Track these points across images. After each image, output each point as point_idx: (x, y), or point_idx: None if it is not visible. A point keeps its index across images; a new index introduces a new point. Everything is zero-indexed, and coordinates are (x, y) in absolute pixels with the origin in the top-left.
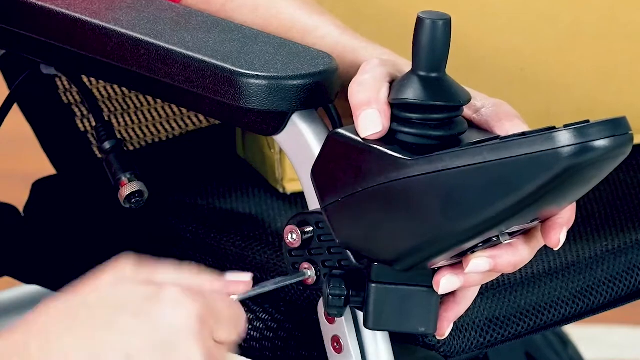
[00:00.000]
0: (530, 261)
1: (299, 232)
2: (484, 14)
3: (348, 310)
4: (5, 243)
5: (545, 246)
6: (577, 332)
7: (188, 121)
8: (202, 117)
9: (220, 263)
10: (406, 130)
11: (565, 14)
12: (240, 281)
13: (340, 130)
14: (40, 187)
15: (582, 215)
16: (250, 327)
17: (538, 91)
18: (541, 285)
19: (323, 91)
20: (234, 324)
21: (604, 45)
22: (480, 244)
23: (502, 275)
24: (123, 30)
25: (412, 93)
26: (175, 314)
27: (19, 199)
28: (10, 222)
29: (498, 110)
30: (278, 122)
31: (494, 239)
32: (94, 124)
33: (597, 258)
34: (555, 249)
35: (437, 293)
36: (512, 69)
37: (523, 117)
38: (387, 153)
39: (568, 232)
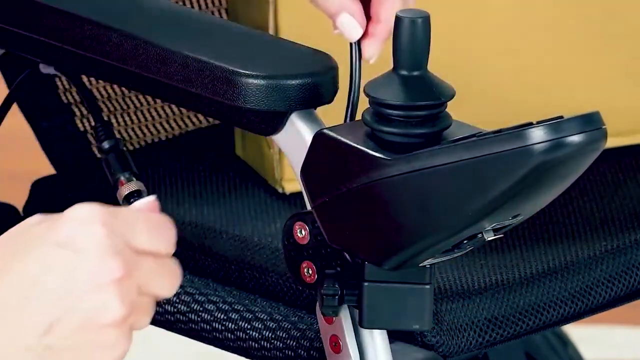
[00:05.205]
0: (530, 261)
1: (307, 228)
2: (483, 15)
3: (346, 310)
4: None
5: (544, 246)
6: (577, 332)
7: (187, 121)
8: (201, 117)
9: (219, 263)
10: (388, 129)
11: (564, 14)
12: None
13: (325, 130)
14: (39, 187)
15: (581, 215)
16: (249, 327)
17: (537, 92)
18: (540, 285)
19: (322, 91)
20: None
21: (603, 47)
22: (466, 240)
23: (501, 275)
24: (122, 30)
25: (394, 93)
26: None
27: (19, 199)
28: (10, 222)
29: None
30: (276, 122)
31: (479, 235)
32: (93, 123)
33: (596, 258)
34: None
35: (429, 290)
36: (512, 69)
37: (521, 118)
38: (367, 153)
39: (566, 232)
